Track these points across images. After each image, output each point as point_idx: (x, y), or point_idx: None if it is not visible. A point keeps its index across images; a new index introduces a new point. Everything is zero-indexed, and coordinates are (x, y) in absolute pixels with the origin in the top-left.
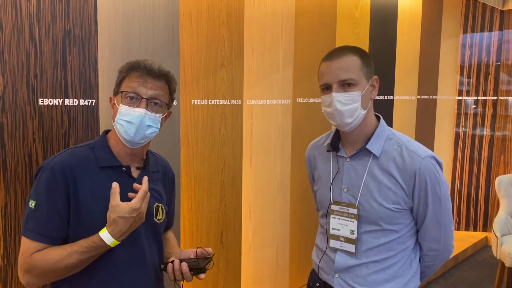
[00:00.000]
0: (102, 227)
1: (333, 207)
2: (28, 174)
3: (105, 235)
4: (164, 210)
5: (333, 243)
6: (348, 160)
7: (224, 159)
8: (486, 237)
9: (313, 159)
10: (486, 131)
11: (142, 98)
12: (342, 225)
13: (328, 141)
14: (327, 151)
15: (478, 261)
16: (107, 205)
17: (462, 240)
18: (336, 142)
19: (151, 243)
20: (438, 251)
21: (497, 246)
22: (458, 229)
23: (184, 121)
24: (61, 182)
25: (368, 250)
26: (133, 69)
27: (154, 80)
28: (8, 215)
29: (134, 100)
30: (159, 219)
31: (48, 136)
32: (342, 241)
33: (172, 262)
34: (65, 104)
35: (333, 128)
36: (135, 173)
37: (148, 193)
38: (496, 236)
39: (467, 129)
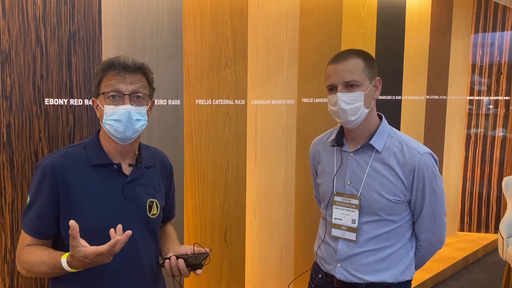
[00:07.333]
0: (93, 224)
1: (336, 198)
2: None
3: (64, 262)
4: (158, 205)
5: (334, 232)
6: (351, 154)
7: (228, 158)
8: (497, 239)
9: (317, 153)
10: (498, 132)
11: (124, 94)
12: (344, 215)
13: (333, 137)
14: (332, 146)
15: (488, 263)
16: (99, 202)
17: (473, 242)
18: (341, 138)
19: (146, 239)
20: (432, 241)
21: (503, 247)
22: (469, 230)
23: (188, 121)
24: (51, 182)
25: (369, 240)
26: (109, 68)
27: (132, 75)
28: (15, 211)
29: (117, 98)
30: (153, 214)
31: (54, 135)
32: (344, 230)
33: (170, 258)
34: (70, 104)
35: (338, 125)
36: (127, 170)
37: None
38: (502, 237)
39: (479, 130)
